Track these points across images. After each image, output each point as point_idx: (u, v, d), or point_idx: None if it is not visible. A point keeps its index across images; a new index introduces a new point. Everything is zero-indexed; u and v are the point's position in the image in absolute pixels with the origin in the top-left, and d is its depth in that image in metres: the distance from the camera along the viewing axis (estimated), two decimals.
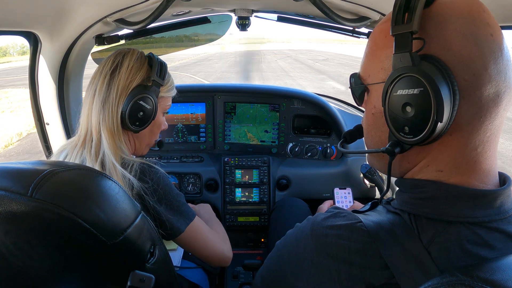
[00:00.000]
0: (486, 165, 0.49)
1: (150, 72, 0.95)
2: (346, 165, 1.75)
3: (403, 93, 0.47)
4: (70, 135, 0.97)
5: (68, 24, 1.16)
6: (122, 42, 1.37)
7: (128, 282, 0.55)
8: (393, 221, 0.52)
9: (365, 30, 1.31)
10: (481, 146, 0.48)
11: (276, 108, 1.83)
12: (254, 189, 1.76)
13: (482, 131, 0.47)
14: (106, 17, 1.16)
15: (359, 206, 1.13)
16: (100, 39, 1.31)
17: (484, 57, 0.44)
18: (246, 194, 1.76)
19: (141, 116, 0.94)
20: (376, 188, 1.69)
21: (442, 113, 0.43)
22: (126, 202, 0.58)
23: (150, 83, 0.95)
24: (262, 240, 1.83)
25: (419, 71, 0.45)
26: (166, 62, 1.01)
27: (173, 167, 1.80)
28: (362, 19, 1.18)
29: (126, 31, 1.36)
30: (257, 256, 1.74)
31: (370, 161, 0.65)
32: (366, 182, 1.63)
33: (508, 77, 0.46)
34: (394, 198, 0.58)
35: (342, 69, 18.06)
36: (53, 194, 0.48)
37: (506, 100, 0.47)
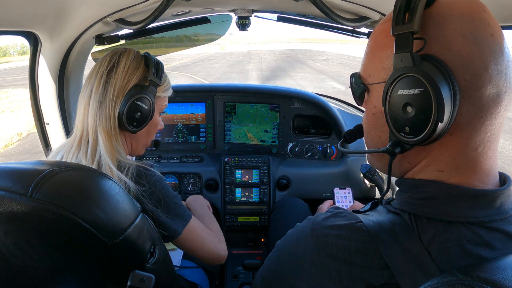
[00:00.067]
0: (486, 165, 0.49)
1: (147, 72, 0.94)
2: (346, 165, 1.75)
3: (404, 93, 0.47)
4: (70, 135, 0.96)
5: (68, 24, 1.16)
6: (122, 42, 1.37)
7: (128, 282, 0.55)
8: (393, 221, 0.52)
9: (365, 30, 1.31)
10: (481, 146, 0.48)
11: (276, 108, 1.83)
12: (254, 189, 1.76)
13: (482, 131, 0.47)
14: (106, 17, 1.16)
15: (359, 206, 1.13)
16: (100, 39, 1.31)
17: (484, 57, 0.44)
18: (246, 194, 1.76)
19: (138, 116, 0.93)
20: (376, 188, 1.69)
21: (443, 113, 0.43)
22: (126, 202, 0.58)
23: (147, 83, 0.94)
24: (262, 240, 1.83)
25: (420, 71, 0.44)
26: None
27: (173, 167, 1.80)
28: (362, 19, 1.18)
29: (126, 31, 1.36)
30: (257, 256, 1.74)
31: (370, 161, 0.65)
32: (366, 182, 1.63)
33: (508, 77, 0.46)
34: (394, 198, 0.58)
35: (342, 69, 18.06)
36: (53, 194, 0.48)
37: (506, 100, 0.47)
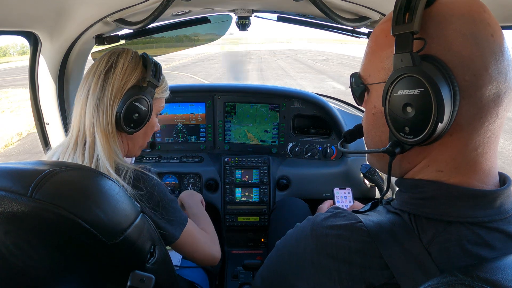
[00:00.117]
0: (486, 165, 0.49)
1: (145, 72, 0.94)
2: (346, 165, 1.75)
3: (404, 93, 0.47)
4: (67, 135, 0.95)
5: (68, 24, 1.16)
6: (122, 42, 1.37)
7: (128, 282, 0.55)
8: (393, 221, 0.52)
9: (365, 30, 1.31)
10: (481, 147, 0.48)
11: (276, 108, 1.83)
12: (254, 189, 1.76)
13: (482, 132, 0.47)
14: (106, 17, 1.16)
15: (359, 206, 1.13)
16: (100, 39, 1.31)
17: (484, 57, 0.44)
18: (246, 194, 1.76)
19: (136, 117, 0.92)
20: (376, 188, 1.69)
21: (443, 113, 0.43)
22: (126, 202, 0.58)
23: (146, 84, 0.93)
24: (262, 240, 1.83)
25: (420, 72, 0.44)
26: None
27: (173, 167, 1.80)
28: (362, 19, 1.18)
29: (126, 31, 1.36)
30: (257, 256, 1.75)
31: (370, 161, 0.65)
32: (366, 182, 1.63)
33: (508, 77, 0.46)
34: (394, 198, 0.58)
35: (342, 69, 18.06)
36: (53, 194, 0.48)
37: (506, 100, 0.47)
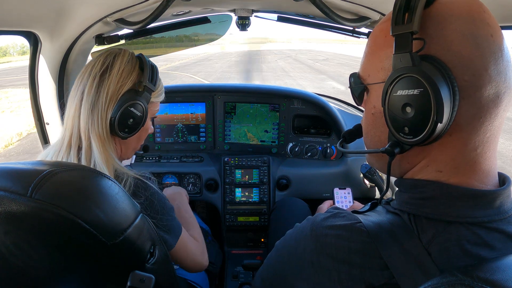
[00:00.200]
0: (485, 165, 0.49)
1: (141, 75, 0.91)
2: (346, 165, 1.75)
3: (403, 93, 0.47)
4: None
5: (68, 24, 1.16)
6: (122, 42, 1.37)
7: (128, 282, 0.55)
8: (392, 221, 0.52)
9: (365, 30, 1.31)
10: (480, 147, 0.48)
11: (276, 108, 1.83)
12: (254, 189, 1.76)
13: (482, 132, 0.47)
14: (106, 17, 1.16)
15: (359, 206, 1.13)
16: (100, 39, 1.31)
17: (484, 57, 0.44)
18: (246, 194, 1.76)
19: (130, 123, 0.90)
20: (376, 188, 1.69)
21: (442, 113, 0.43)
22: (126, 202, 0.58)
23: (141, 89, 0.90)
24: (262, 240, 1.83)
25: (419, 72, 0.44)
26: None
27: (173, 167, 1.80)
28: (362, 19, 1.18)
29: (126, 31, 1.36)
30: (257, 256, 1.75)
31: (369, 161, 0.65)
32: (366, 182, 1.63)
33: (508, 78, 0.46)
34: (394, 199, 0.58)
35: (342, 69, 18.05)
36: (52, 195, 0.48)
37: (506, 101, 0.47)
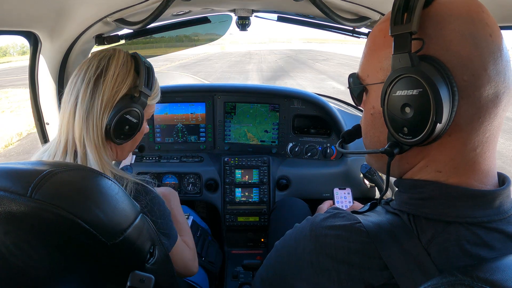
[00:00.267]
0: (485, 165, 0.49)
1: (137, 79, 0.89)
2: (346, 165, 1.75)
3: (402, 94, 0.47)
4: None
5: (68, 24, 1.16)
6: (122, 42, 1.38)
7: (128, 283, 0.55)
8: (392, 221, 0.52)
9: (365, 30, 1.31)
10: (480, 147, 0.48)
11: (276, 108, 1.83)
12: (254, 189, 1.76)
13: (481, 132, 0.47)
14: (106, 17, 1.16)
15: (359, 206, 1.13)
16: (100, 39, 1.31)
17: (483, 57, 0.44)
18: (246, 194, 1.76)
19: (126, 130, 0.88)
20: (376, 188, 1.69)
21: (441, 114, 0.43)
22: (125, 203, 0.58)
23: (138, 94, 0.87)
24: (262, 240, 1.84)
25: (418, 72, 0.44)
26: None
27: (173, 167, 1.80)
28: (362, 19, 1.18)
29: (126, 31, 1.36)
30: (257, 256, 1.75)
31: (369, 161, 0.65)
32: (366, 182, 1.63)
33: (507, 77, 0.46)
34: (393, 199, 0.58)
35: (342, 69, 18.07)
36: (52, 195, 0.48)
37: (505, 100, 0.47)
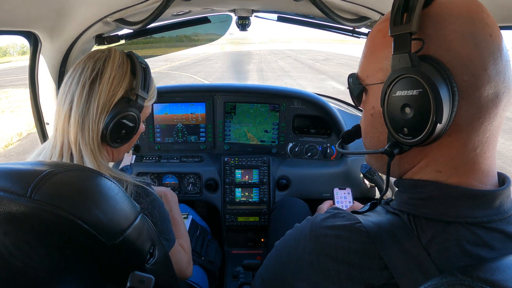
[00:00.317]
0: (485, 165, 0.49)
1: (133, 80, 0.87)
2: (346, 165, 1.75)
3: (402, 94, 0.47)
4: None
5: (68, 24, 1.16)
6: (122, 42, 1.38)
7: (127, 283, 0.55)
8: (392, 221, 0.52)
9: (365, 30, 1.31)
10: (480, 147, 0.48)
11: (276, 108, 1.83)
12: (254, 189, 1.76)
13: (481, 132, 0.47)
14: (106, 17, 1.16)
15: (359, 206, 1.13)
16: (100, 39, 1.31)
17: (483, 57, 0.44)
18: (246, 194, 1.76)
19: (123, 134, 0.87)
20: (376, 188, 1.69)
21: (442, 114, 0.43)
22: (125, 203, 0.58)
23: (134, 97, 0.85)
24: (262, 240, 1.84)
25: (418, 72, 0.44)
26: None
27: (173, 167, 1.80)
28: (362, 19, 1.18)
29: (126, 31, 1.36)
30: (257, 256, 1.75)
31: (368, 161, 0.65)
32: (366, 182, 1.63)
33: (507, 77, 0.46)
34: (393, 199, 0.58)
35: (342, 69, 18.06)
36: (52, 195, 0.48)
37: (505, 101, 0.47)
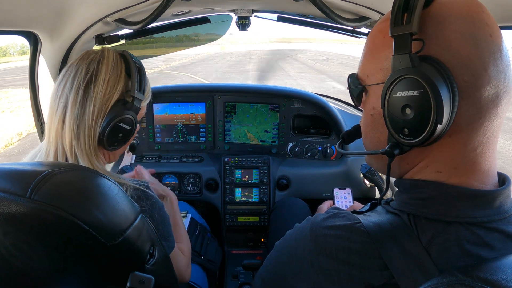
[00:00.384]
0: (485, 165, 0.49)
1: (128, 82, 0.85)
2: (346, 165, 1.75)
3: (403, 95, 0.46)
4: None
5: (68, 24, 1.16)
6: (122, 42, 1.37)
7: (127, 284, 0.55)
8: (392, 221, 0.52)
9: (365, 30, 1.31)
10: (480, 147, 0.48)
11: (276, 108, 1.83)
12: (254, 189, 1.76)
13: (481, 132, 0.47)
14: (106, 17, 1.16)
15: (359, 206, 1.13)
16: (100, 39, 1.31)
17: (483, 57, 0.44)
18: (246, 194, 1.76)
19: (120, 137, 0.85)
20: (376, 188, 1.69)
21: (442, 114, 0.43)
22: (125, 203, 0.58)
23: (130, 99, 0.84)
24: (262, 240, 1.84)
25: (419, 73, 0.44)
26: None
27: (173, 167, 1.80)
28: (362, 19, 1.18)
29: (126, 31, 1.36)
30: (257, 256, 1.75)
31: (369, 161, 0.65)
32: (366, 182, 1.63)
33: (507, 78, 0.46)
34: (393, 199, 0.58)
35: (342, 69, 18.06)
36: (52, 196, 0.48)
37: (505, 101, 0.47)
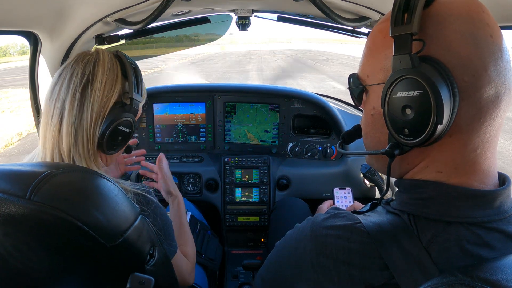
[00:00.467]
0: (485, 165, 0.49)
1: (125, 83, 0.83)
2: (346, 165, 1.75)
3: (403, 95, 0.46)
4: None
5: (68, 24, 1.16)
6: (122, 42, 1.37)
7: (127, 285, 0.55)
8: (392, 221, 0.52)
9: (365, 30, 1.31)
10: (480, 147, 0.48)
11: (276, 108, 1.83)
12: (254, 189, 1.76)
13: (481, 132, 0.47)
14: (106, 17, 1.16)
15: (359, 206, 1.13)
16: (100, 39, 1.31)
17: (483, 58, 0.44)
18: (246, 194, 1.76)
19: (119, 140, 0.84)
20: (376, 188, 1.69)
21: (442, 115, 0.43)
22: (125, 204, 0.58)
23: (128, 101, 0.82)
24: (262, 240, 1.84)
25: (419, 73, 0.44)
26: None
27: (173, 167, 1.78)
28: (362, 19, 1.18)
29: (126, 31, 1.36)
30: (257, 256, 1.75)
31: (369, 161, 0.65)
32: (366, 182, 1.63)
33: (507, 78, 0.46)
34: (394, 199, 0.58)
35: (342, 69, 18.06)
36: (51, 196, 0.48)
37: (505, 101, 0.47)
